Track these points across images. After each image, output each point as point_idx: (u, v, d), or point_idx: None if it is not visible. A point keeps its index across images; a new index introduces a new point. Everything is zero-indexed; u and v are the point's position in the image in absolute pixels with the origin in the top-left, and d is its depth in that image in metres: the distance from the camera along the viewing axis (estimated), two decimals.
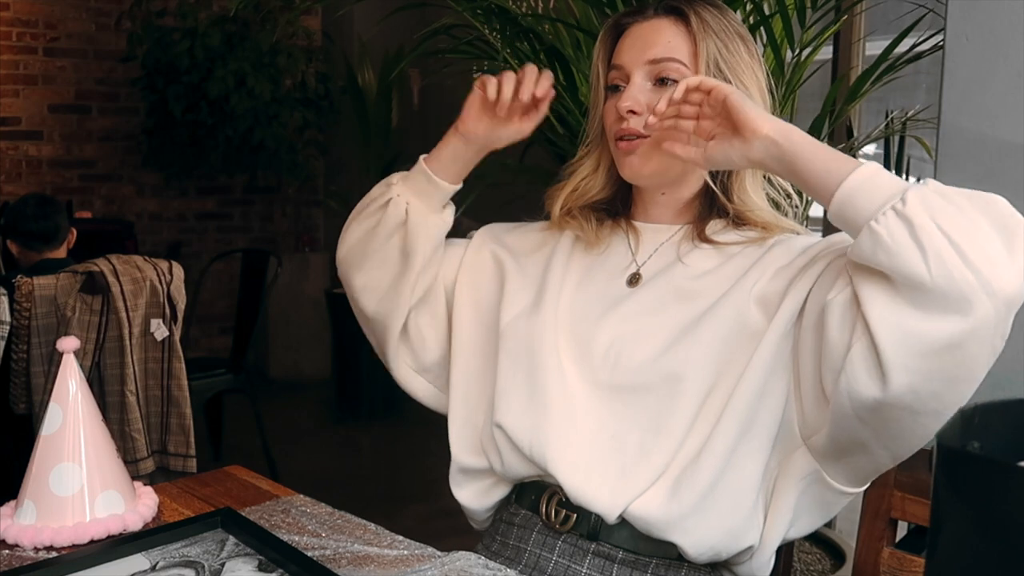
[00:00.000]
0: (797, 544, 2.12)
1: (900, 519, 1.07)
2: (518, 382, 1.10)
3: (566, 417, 1.06)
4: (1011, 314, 0.84)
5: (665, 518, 1.00)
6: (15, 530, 1.04)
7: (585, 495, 1.04)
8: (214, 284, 4.81)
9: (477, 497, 1.17)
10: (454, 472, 1.18)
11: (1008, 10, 1.18)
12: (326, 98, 4.81)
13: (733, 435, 0.99)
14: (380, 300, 1.19)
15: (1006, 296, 0.82)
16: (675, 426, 1.01)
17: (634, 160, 1.08)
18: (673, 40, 1.07)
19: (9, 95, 4.66)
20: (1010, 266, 0.82)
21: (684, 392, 1.01)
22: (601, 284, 1.13)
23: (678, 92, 0.96)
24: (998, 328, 0.84)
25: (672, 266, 1.09)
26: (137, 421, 2.50)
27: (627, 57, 1.09)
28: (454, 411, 1.19)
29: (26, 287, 2.39)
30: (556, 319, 1.11)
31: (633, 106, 1.06)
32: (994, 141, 1.20)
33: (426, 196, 1.15)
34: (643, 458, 1.02)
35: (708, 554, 1.02)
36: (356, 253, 1.19)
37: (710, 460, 0.99)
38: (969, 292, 0.81)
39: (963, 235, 0.82)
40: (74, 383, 1.07)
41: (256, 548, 1.00)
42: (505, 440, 1.09)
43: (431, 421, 1.33)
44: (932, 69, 1.43)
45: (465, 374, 1.18)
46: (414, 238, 1.15)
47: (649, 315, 1.07)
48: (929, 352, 0.84)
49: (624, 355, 1.05)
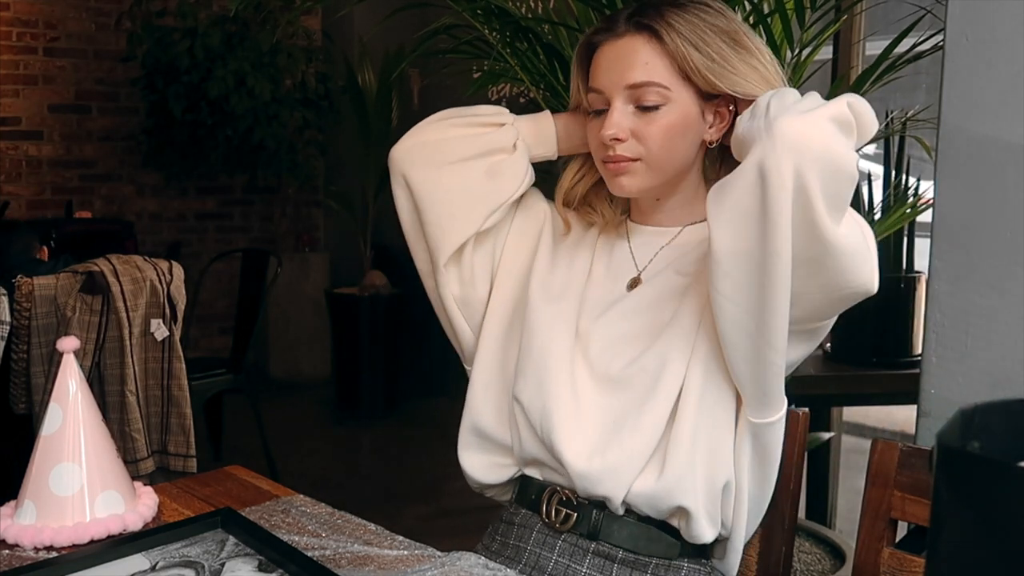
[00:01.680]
0: (797, 544, 2.12)
1: (900, 519, 1.07)
2: (533, 362, 1.11)
3: (572, 404, 1.08)
4: (800, 154, 0.87)
5: (664, 485, 1.02)
6: (15, 530, 1.04)
7: (591, 481, 1.05)
8: (214, 284, 4.81)
9: (482, 468, 1.16)
10: (465, 432, 1.17)
11: (1008, 10, 1.18)
12: (326, 98, 4.81)
13: (697, 388, 1.02)
14: (449, 206, 1.14)
15: (786, 136, 0.87)
16: (663, 403, 1.04)
17: (623, 180, 1.09)
18: (651, 61, 1.04)
19: (9, 95, 4.66)
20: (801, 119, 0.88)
21: (671, 373, 1.04)
22: (607, 286, 1.14)
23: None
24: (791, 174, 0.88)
25: (669, 269, 1.11)
26: (137, 421, 2.50)
27: (605, 81, 1.07)
28: (481, 370, 1.17)
29: (26, 287, 2.39)
30: (577, 311, 1.12)
31: (617, 134, 1.06)
32: (994, 141, 1.20)
33: (532, 144, 1.16)
34: (638, 439, 1.04)
35: (707, 506, 1.03)
36: (436, 151, 1.14)
37: (683, 420, 1.02)
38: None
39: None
40: (74, 383, 1.07)
41: (256, 548, 1.00)
42: (522, 414, 1.10)
43: (431, 421, 1.33)
44: (932, 69, 1.42)
45: (497, 337, 1.18)
46: (512, 170, 1.14)
47: (642, 316, 1.09)
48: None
49: (617, 353, 1.08)
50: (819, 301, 0.98)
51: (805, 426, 1.16)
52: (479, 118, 1.16)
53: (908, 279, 2.34)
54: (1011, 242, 1.19)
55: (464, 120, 1.16)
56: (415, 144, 1.16)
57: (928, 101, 2.14)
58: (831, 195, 0.89)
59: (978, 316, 1.22)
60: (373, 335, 4.45)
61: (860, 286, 0.96)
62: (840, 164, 0.89)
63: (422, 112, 1.17)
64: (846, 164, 0.89)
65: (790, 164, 0.87)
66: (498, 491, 1.20)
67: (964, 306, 1.24)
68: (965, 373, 1.24)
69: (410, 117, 4.97)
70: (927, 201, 1.97)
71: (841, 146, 0.89)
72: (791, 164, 0.87)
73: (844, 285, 0.96)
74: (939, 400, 1.27)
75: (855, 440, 3.49)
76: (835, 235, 0.90)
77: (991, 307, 1.21)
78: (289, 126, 4.65)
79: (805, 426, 1.16)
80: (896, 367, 2.35)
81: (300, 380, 5.07)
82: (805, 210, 0.88)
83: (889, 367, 2.37)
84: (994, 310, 1.21)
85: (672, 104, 1.05)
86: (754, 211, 0.91)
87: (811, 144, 0.87)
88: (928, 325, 1.28)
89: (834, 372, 2.46)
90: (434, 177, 1.14)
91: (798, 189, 0.88)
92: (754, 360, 0.99)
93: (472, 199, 1.14)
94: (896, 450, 1.07)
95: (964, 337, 1.24)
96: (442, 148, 1.15)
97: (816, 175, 0.87)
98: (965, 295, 1.23)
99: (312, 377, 5.08)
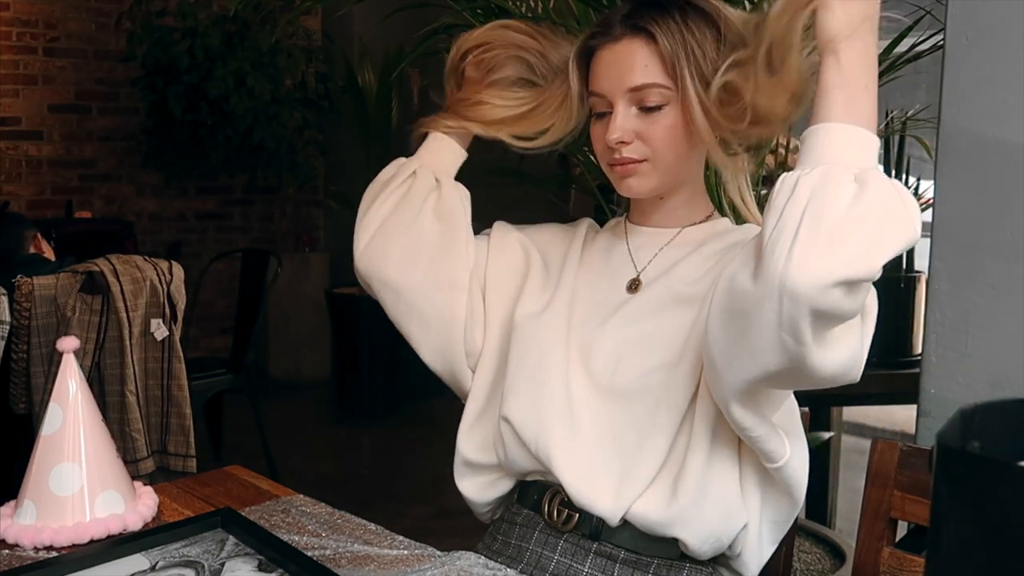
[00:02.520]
0: (797, 544, 2.12)
1: (900, 519, 1.07)
2: (525, 379, 1.10)
3: (569, 419, 1.07)
4: (798, 308, 0.81)
5: (667, 515, 1.01)
6: (15, 530, 1.04)
7: (588, 498, 1.04)
8: (214, 284, 4.81)
9: (480, 489, 1.17)
10: (458, 464, 1.18)
11: (1008, 10, 1.18)
12: (326, 98, 4.81)
13: (711, 417, 1.00)
14: (433, 286, 1.15)
15: (788, 289, 0.81)
16: (668, 423, 1.02)
17: (631, 182, 1.09)
18: (649, 63, 1.04)
19: (9, 95, 4.66)
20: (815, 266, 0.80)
21: (676, 391, 1.02)
22: (605, 289, 1.13)
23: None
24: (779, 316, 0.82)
25: (670, 271, 1.10)
26: (137, 421, 2.50)
27: (607, 86, 1.07)
28: (472, 405, 1.18)
29: (26, 287, 2.39)
30: (567, 321, 1.11)
31: (623, 137, 1.06)
32: (994, 141, 1.20)
33: (446, 167, 1.18)
34: (641, 458, 1.03)
35: (710, 542, 1.03)
36: (388, 235, 1.16)
37: (697, 449, 1.00)
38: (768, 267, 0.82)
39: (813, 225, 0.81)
40: (74, 383, 1.07)
41: (256, 548, 1.00)
42: (511, 434, 1.10)
43: (431, 421, 1.33)
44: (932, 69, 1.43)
45: (490, 370, 1.17)
46: (451, 201, 1.16)
47: (647, 321, 1.07)
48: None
49: (623, 362, 1.06)
50: (784, 392, 1.01)
51: (805, 426, 1.16)
52: (394, 181, 1.18)
53: (908, 279, 2.34)
54: (1011, 242, 1.19)
55: (386, 192, 1.18)
56: (368, 243, 1.18)
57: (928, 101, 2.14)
58: (823, 337, 0.85)
59: (978, 316, 1.22)
60: (373, 335, 4.44)
61: (833, 383, 0.91)
62: (837, 317, 0.83)
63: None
64: (844, 317, 0.84)
65: (789, 317, 0.82)
66: (500, 505, 1.19)
67: (964, 306, 1.24)
68: (965, 373, 1.24)
69: (410, 117, 4.96)
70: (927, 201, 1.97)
71: (844, 307, 0.82)
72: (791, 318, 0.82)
73: (816, 384, 0.91)
74: (939, 400, 1.27)
75: (855, 440, 3.49)
76: (822, 364, 0.85)
77: (991, 307, 1.21)
78: (289, 126, 4.65)
79: (805, 426, 1.16)
80: (896, 367, 2.35)
81: (300, 380, 5.07)
82: (795, 349, 0.84)
83: (889, 367, 2.37)
84: (994, 310, 1.21)
85: (675, 103, 1.04)
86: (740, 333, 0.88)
87: (812, 305, 0.81)
88: (928, 325, 1.28)
89: None
90: (401, 253, 1.16)
91: (789, 334, 0.83)
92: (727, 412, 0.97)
93: (445, 245, 1.16)
94: (896, 450, 1.07)
95: (964, 337, 1.24)
96: (389, 229, 1.17)
97: (814, 326, 0.82)
98: (965, 295, 1.24)
99: (312, 377, 5.08)
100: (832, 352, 0.85)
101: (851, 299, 0.82)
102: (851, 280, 0.80)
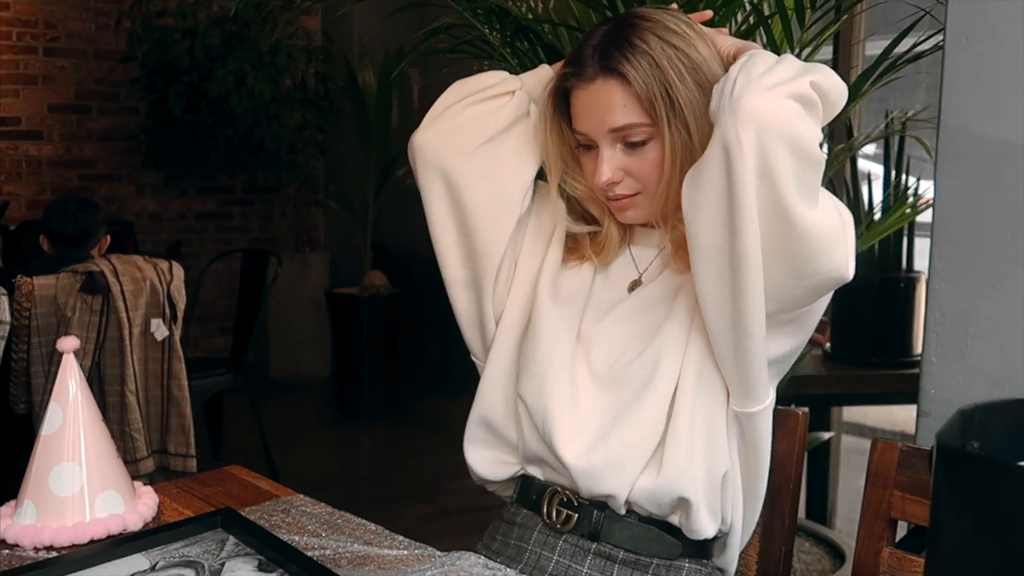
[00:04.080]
0: (797, 544, 2.12)
1: (900, 519, 1.07)
2: (536, 363, 1.11)
3: (572, 408, 1.08)
4: (767, 132, 0.87)
5: (667, 480, 1.02)
6: (15, 530, 1.04)
7: (592, 476, 1.05)
8: (214, 284, 4.81)
9: (486, 463, 1.17)
10: (473, 426, 1.17)
11: (1008, 10, 1.18)
12: (326, 98, 4.81)
13: (692, 379, 1.03)
14: (490, 195, 1.11)
15: (744, 113, 0.88)
16: (658, 397, 1.04)
17: (628, 213, 1.11)
18: (627, 103, 1.03)
19: (9, 95, 4.66)
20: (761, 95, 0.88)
21: (667, 368, 1.04)
22: (609, 289, 1.15)
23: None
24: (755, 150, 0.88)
25: (668, 268, 1.12)
26: (137, 421, 2.50)
27: (588, 126, 1.06)
28: (495, 362, 1.16)
29: (26, 287, 2.39)
30: (581, 317, 1.13)
31: (613, 178, 1.06)
32: (994, 141, 1.20)
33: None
34: (638, 433, 1.04)
35: (709, 498, 1.04)
36: (463, 136, 1.10)
37: (682, 410, 1.03)
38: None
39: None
40: (74, 383, 1.07)
41: (256, 548, 1.00)
42: (525, 413, 1.11)
43: (431, 421, 1.33)
44: (932, 69, 1.43)
45: (514, 332, 1.17)
46: (532, 136, 1.12)
47: (642, 315, 1.10)
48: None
49: (618, 354, 1.08)
50: (792, 288, 0.97)
51: (805, 426, 1.16)
52: (491, 90, 1.13)
53: (908, 279, 2.35)
54: (1011, 242, 1.19)
55: (479, 97, 1.13)
56: (440, 132, 1.11)
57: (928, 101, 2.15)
58: (797, 175, 0.88)
59: (978, 316, 1.22)
60: (373, 335, 4.45)
61: (833, 271, 0.95)
62: (802, 144, 0.88)
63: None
64: (808, 145, 0.88)
65: (751, 141, 0.87)
66: (500, 487, 1.20)
67: (964, 306, 1.24)
68: (965, 373, 1.24)
69: (410, 117, 4.98)
70: (927, 201, 1.97)
71: (803, 126, 0.89)
72: (752, 141, 0.87)
73: (816, 272, 0.95)
74: (939, 400, 1.27)
75: (855, 440, 3.49)
76: (804, 218, 0.90)
77: (991, 307, 1.21)
78: (289, 126, 4.65)
79: (805, 426, 1.16)
80: (896, 367, 2.36)
81: (300, 380, 5.07)
82: (772, 190, 0.88)
83: (889, 367, 2.37)
84: (994, 310, 1.21)
85: (658, 137, 1.04)
86: (721, 193, 0.91)
87: (772, 122, 0.87)
88: (928, 325, 1.28)
89: (834, 372, 2.47)
90: (470, 163, 1.11)
91: (762, 168, 0.87)
92: (734, 347, 0.99)
93: (510, 179, 1.12)
94: (896, 450, 1.07)
95: (964, 337, 1.24)
96: (467, 131, 1.11)
97: (780, 154, 0.87)
98: (965, 295, 1.24)
99: (312, 377, 5.08)
100: (814, 212, 0.91)
101: (810, 117, 0.90)
102: (799, 95, 0.89)
